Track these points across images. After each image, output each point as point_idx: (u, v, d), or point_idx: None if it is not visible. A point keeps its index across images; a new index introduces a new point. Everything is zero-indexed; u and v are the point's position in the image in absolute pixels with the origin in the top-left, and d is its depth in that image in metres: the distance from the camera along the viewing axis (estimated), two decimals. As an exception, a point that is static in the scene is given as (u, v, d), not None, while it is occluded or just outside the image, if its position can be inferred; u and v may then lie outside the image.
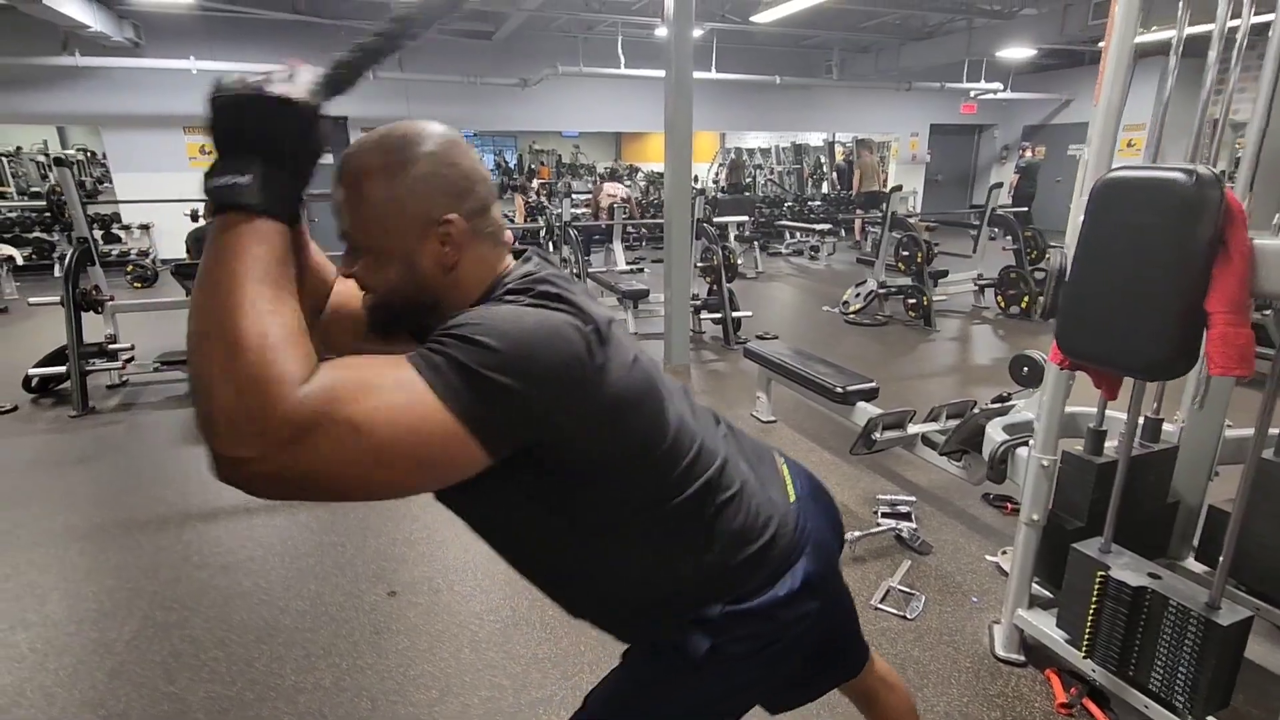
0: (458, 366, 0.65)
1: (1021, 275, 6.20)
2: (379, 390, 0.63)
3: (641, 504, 0.84)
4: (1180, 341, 1.20)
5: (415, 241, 0.78)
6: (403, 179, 0.76)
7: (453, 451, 0.65)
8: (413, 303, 0.81)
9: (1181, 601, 1.52)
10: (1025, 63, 11.52)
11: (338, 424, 0.59)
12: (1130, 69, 1.56)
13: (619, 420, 0.77)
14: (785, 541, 0.95)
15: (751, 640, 0.92)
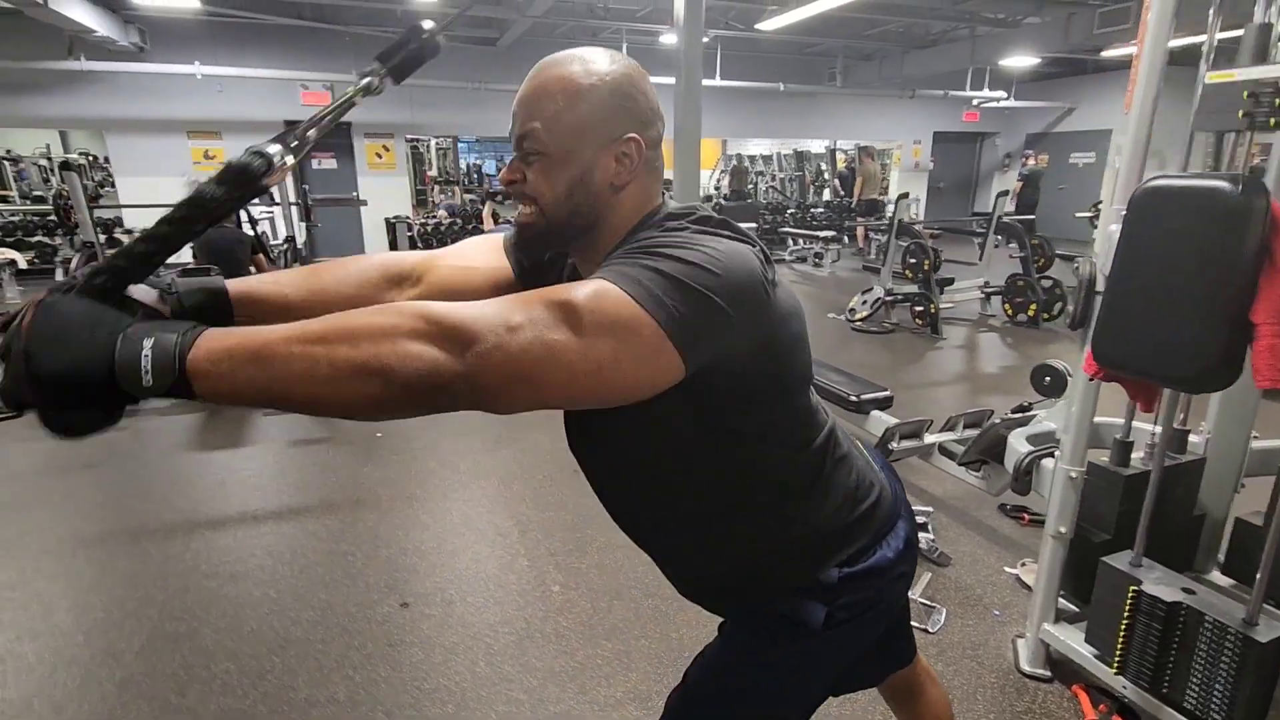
0: (661, 276, 0.64)
1: (1029, 283, 6.19)
2: (574, 290, 0.62)
3: (780, 446, 0.84)
4: (1225, 353, 1.18)
5: (596, 152, 0.78)
6: (598, 90, 0.77)
7: (654, 353, 0.63)
8: (575, 217, 0.80)
9: (1218, 618, 1.49)
10: (1028, 71, 11.54)
11: (543, 309, 0.60)
12: (1161, 76, 1.54)
13: (780, 348, 0.77)
14: (887, 503, 0.97)
15: (859, 605, 0.92)
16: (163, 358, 0.55)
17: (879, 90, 11.64)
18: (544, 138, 0.77)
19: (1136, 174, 1.59)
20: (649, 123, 0.80)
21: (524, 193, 0.80)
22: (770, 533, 0.88)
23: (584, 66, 0.77)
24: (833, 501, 0.89)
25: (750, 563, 0.91)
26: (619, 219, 0.81)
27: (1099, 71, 12.15)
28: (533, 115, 0.77)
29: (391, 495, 3.00)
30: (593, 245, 0.82)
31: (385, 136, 9.83)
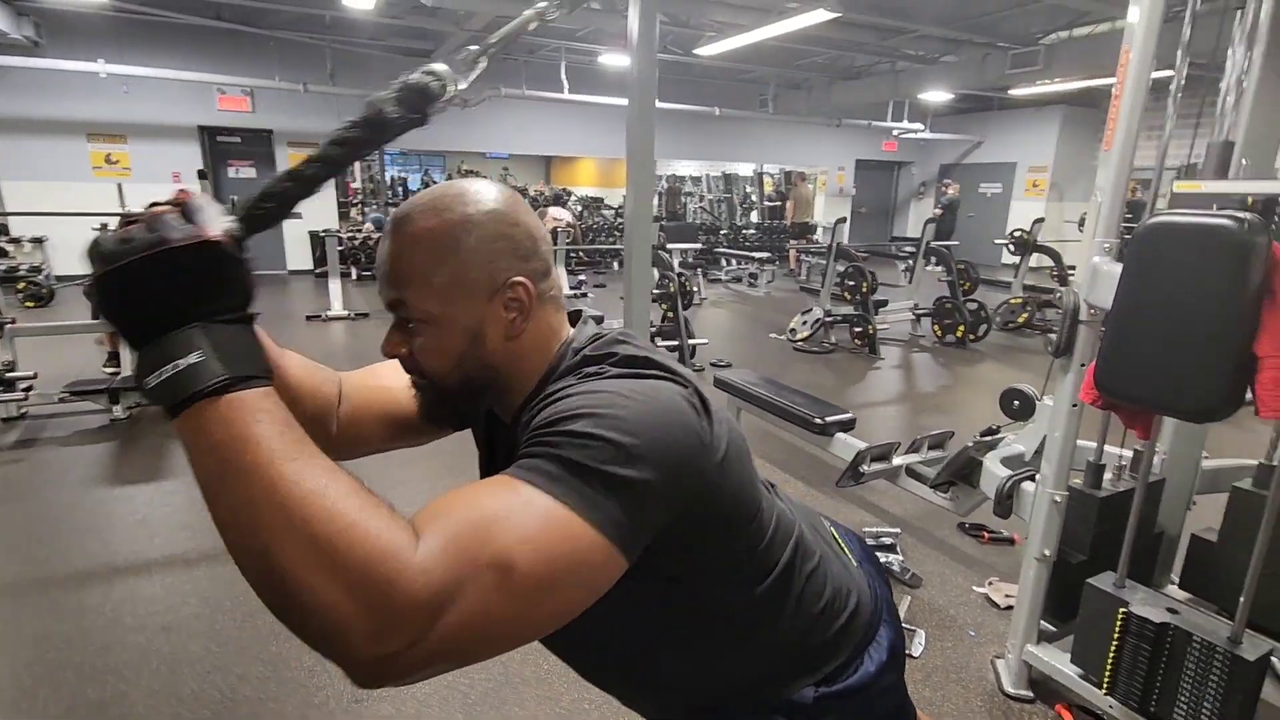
0: (582, 471, 0.56)
1: (956, 306, 6.50)
2: (506, 519, 0.53)
3: (740, 580, 0.77)
4: (1231, 385, 1.23)
5: (481, 309, 0.71)
6: (466, 240, 0.69)
7: (598, 564, 0.57)
8: (476, 379, 0.73)
9: (1205, 637, 1.55)
10: (943, 105, 12.27)
11: (480, 572, 0.50)
12: (1138, 119, 1.61)
13: (726, 488, 0.69)
14: (867, 611, 0.90)
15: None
16: (176, 386, 0.49)
17: (807, 118, 12.08)
18: (417, 304, 0.70)
19: (1119, 209, 1.66)
20: (530, 254, 0.73)
21: (413, 368, 0.74)
22: (742, 663, 0.82)
23: (441, 218, 0.69)
24: (803, 621, 0.82)
25: (720, 693, 0.84)
26: (528, 366, 0.75)
27: (1003, 109, 13.07)
28: (400, 282, 0.70)
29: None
30: (502, 397, 0.77)
31: (310, 146, 9.22)
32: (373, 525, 0.48)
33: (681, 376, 0.69)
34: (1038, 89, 9.96)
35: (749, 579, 0.77)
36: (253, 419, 0.50)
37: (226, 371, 0.50)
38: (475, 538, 0.51)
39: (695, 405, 0.66)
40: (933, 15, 7.75)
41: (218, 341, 0.50)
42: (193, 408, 0.49)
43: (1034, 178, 13.08)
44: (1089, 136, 12.95)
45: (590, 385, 0.66)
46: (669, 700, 0.88)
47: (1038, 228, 7.63)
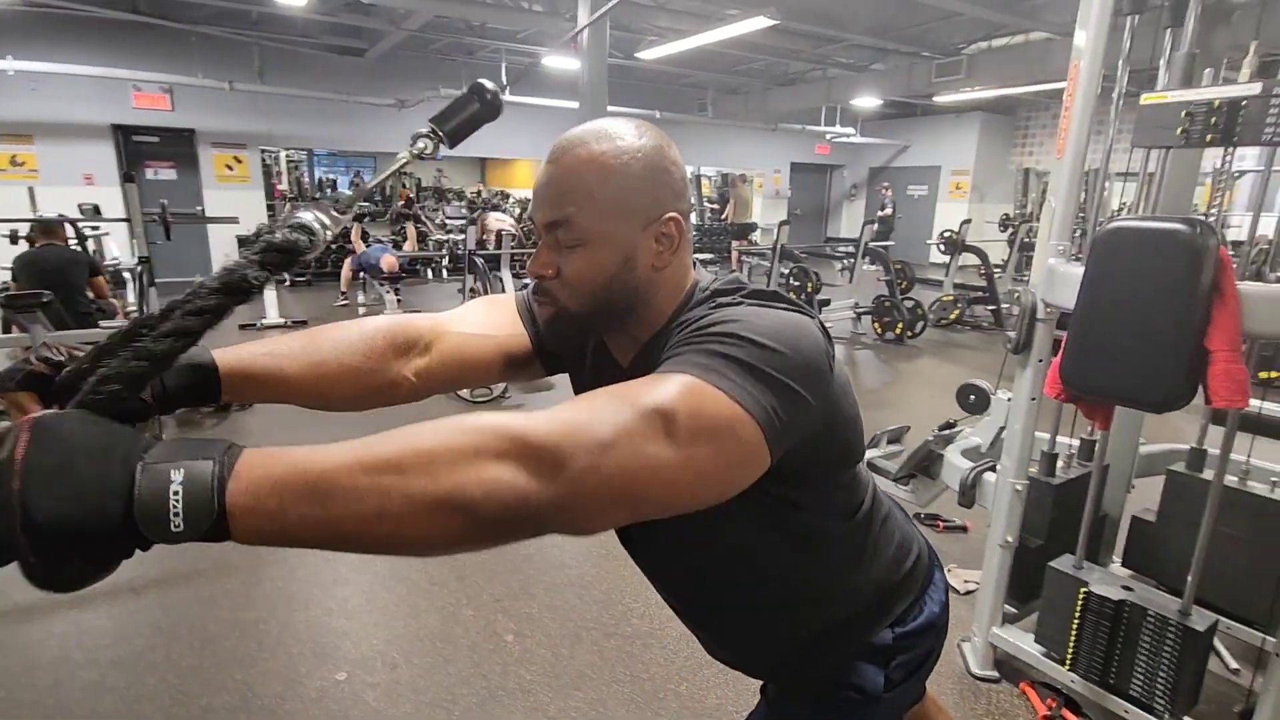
0: (742, 367, 0.59)
1: (894, 304, 6.76)
2: (659, 386, 0.57)
3: (834, 516, 0.83)
4: (1188, 377, 1.33)
5: (637, 234, 0.73)
6: (633, 167, 0.72)
7: (750, 442, 0.58)
8: (618, 303, 0.75)
9: (1159, 611, 1.66)
10: (872, 111, 12.75)
11: (643, 415, 0.53)
12: (1089, 129, 1.72)
13: (840, 425, 0.74)
14: (926, 558, 0.97)
15: (913, 662, 0.92)
16: (198, 495, 0.44)
17: (744, 122, 12.32)
18: (582, 224, 0.72)
19: (1072, 213, 1.77)
20: (682, 194, 0.76)
21: (556, 285, 0.75)
22: (828, 602, 0.87)
23: (613, 144, 0.72)
24: (881, 563, 0.89)
25: (808, 635, 0.89)
26: (662, 300, 0.77)
27: (927, 114, 13.68)
28: (565, 200, 0.71)
29: (298, 549, 2.67)
30: (633, 327, 0.79)
31: (237, 147, 8.97)
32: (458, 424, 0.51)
33: (808, 309, 0.72)
34: (959, 96, 10.47)
35: (845, 511, 0.83)
36: (271, 456, 0.47)
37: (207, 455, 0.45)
38: (632, 400, 0.55)
39: (824, 334, 0.70)
40: (863, 25, 8.05)
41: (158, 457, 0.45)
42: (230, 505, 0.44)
43: (957, 180, 13.74)
44: (1004, 141, 13.71)
45: (730, 310, 0.68)
46: (764, 643, 0.92)
47: (965, 228, 8.01)
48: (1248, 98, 1.34)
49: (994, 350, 6.65)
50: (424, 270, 9.88)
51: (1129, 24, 1.81)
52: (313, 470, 0.46)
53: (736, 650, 0.98)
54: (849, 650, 0.89)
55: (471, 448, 0.49)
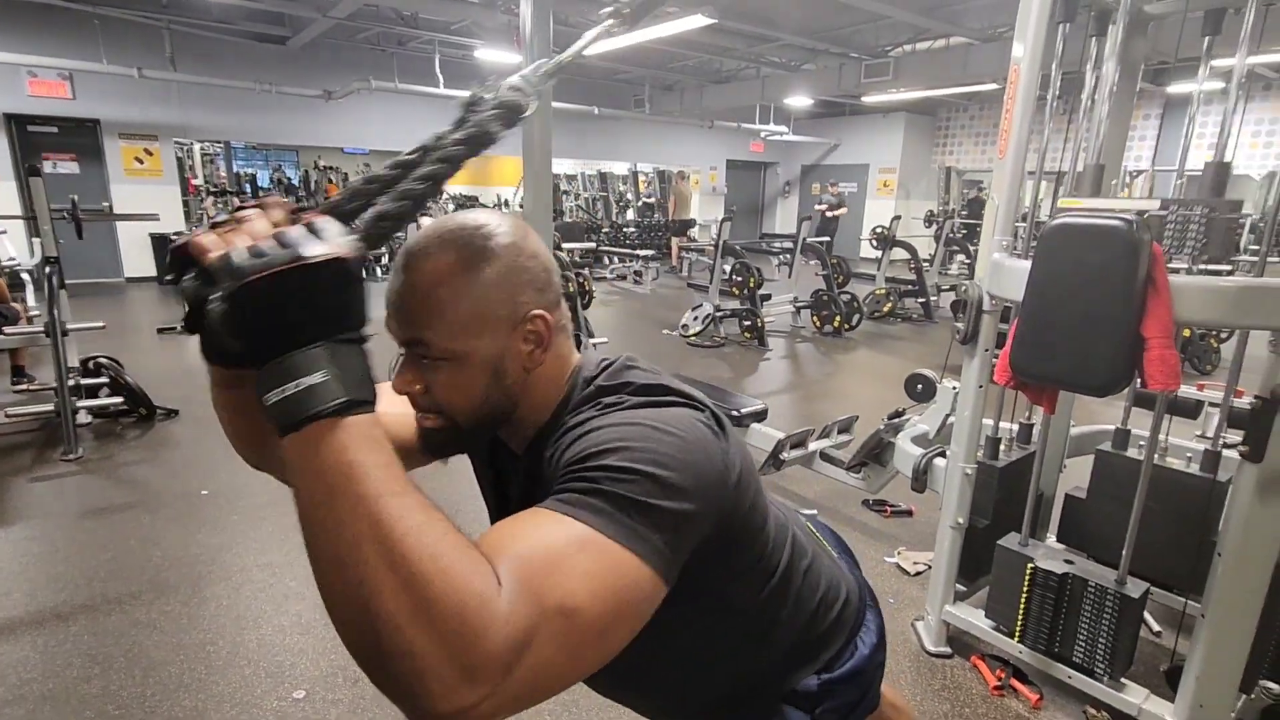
0: (626, 505, 0.58)
1: (832, 298, 6.96)
2: (565, 559, 0.54)
3: (751, 585, 0.81)
4: (1127, 363, 1.43)
5: (503, 341, 0.71)
6: (487, 275, 0.69)
7: (647, 595, 0.58)
8: (494, 413, 0.74)
9: (1099, 582, 1.78)
10: (804, 110, 13.07)
11: (550, 619, 0.51)
12: (1029, 130, 1.82)
13: (742, 504, 0.73)
14: (855, 599, 0.98)
15: (844, 707, 0.92)
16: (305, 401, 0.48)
17: (680, 119, 12.42)
18: (439, 342, 0.68)
19: (1012, 210, 1.86)
20: (546, 285, 0.73)
21: (429, 405, 0.72)
22: (753, 659, 0.87)
23: (462, 252, 0.68)
24: (805, 615, 0.88)
25: (731, 692, 0.89)
26: (541, 397, 0.76)
27: (855, 114, 14.14)
28: (418, 321, 0.68)
29: (241, 565, 2.55)
30: (515, 427, 0.77)
31: (148, 138, 8.42)
32: (466, 568, 0.48)
33: (697, 400, 0.72)
34: (885, 97, 10.87)
35: (758, 583, 0.81)
36: (365, 446, 0.49)
37: (346, 394, 0.49)
38: (543, 581, 0.52)
39: (714, 429, 0.69)
40: (795, 25, 8.24)
41: (340, 362, 0.50)
42: (309, 428, 0.48)
43: (884, 178, 14.26)
44: (927, 141, 14.32)
45: (617, 417, 0.67)
46: (685, 705, 0.92)
47: (896, 224, 8.33)
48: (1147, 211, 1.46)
49: (925, 341, 6.95)
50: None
51: (1060, 32, 1.92)
52: (354, 489, 0.48)
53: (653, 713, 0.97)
54: (773, 697, 0.89)
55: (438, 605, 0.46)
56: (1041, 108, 1.87)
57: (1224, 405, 1.99)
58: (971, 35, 7.77)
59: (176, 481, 3.22)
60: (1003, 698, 1.98)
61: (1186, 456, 2.20)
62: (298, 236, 0.50)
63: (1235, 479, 1.53)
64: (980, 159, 13.51)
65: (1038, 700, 1.94)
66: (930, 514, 3.01)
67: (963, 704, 1.96)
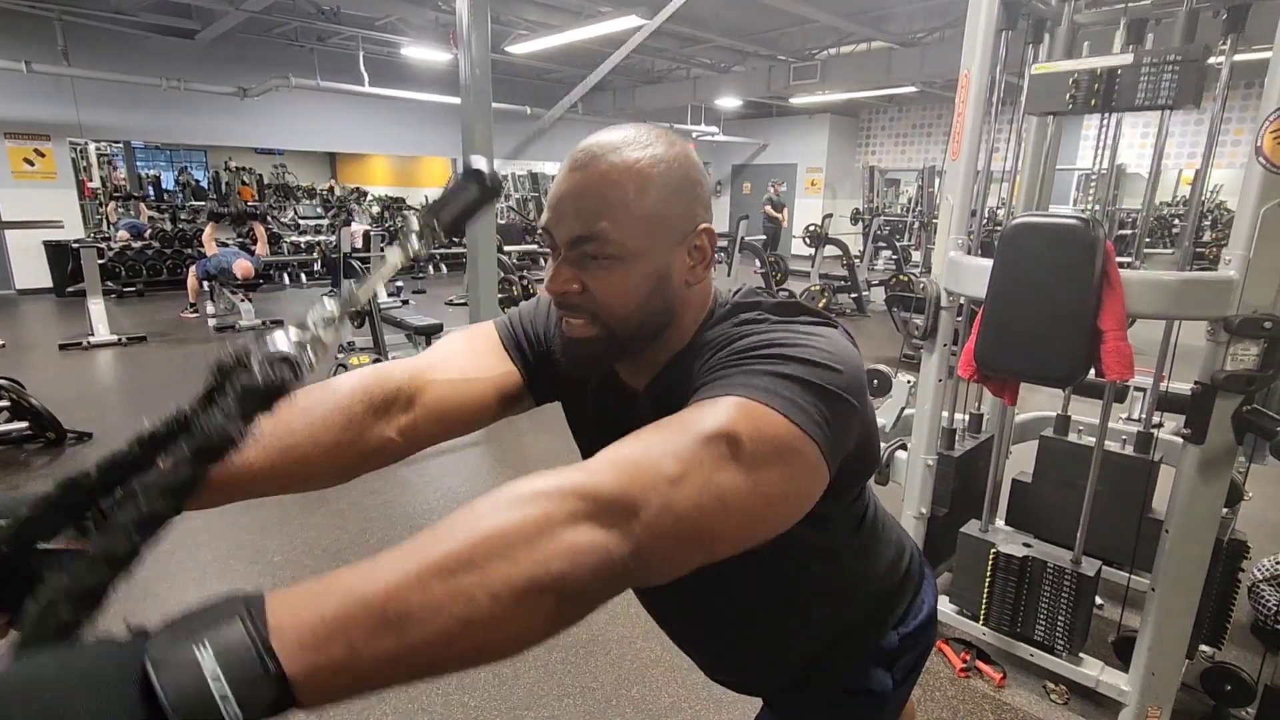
0: (791, 382, 0.58)
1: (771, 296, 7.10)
2: (724, 412, 0.54)
3: (848, 528, 0.83)
4: (1086, 355, 1.50)
5: (672, 248, 0.69)
6: (668, 176, 0.68)
7: (813, 462, 0.57)
8: (647, 325, 0.71)
9: (1056, 563, 1.87)
10: (733, 111, 13.30)
11: (708, 443, 0.51)
12: (980, 132, 1.89)
13: (872, 434, 0.74)
14: (918, 555, 1.00)
15: (914, 661, 0.95)
16: (245, 667, 0.34)
17: (613, 119, 12.40)
18: (616, 237, 0.66)
19: (967, 209, 1.93)
20: (710, 205, 0.74)
21: (586, 305, 0.69)
22: (840, 613, 0.88)
23: (647, 152, 0.67)
24: (883, 568, 0.90)
25: (820, 648, 0.90)
26: (691, 315, 0.74)
27: (781, 115, 14.49)
28: (598, 212, 0.66)
29: (180, 597, 2.37)
30: (654, 349, 0.74)
31: (39, 138, 7.76)
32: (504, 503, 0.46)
33: (832, 319, 0.71)
34: (812, 98, 11.19)
35: (855, 523, 0.83)
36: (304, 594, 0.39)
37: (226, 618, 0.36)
38: (692, 428, 0.52)
39: (853, 341, 0.69)
40: (724, 28, 8.36)
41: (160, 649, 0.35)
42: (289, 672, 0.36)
43: (811, 177, 14.67)
44: (850, 141, 14.83)
45: (762, 329, 0.66)
46: (782, 658, 0.91)
47: (828, 222, 8.58)
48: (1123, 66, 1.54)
49: (861, 335, 7.14)
50: (279, 275, 9.08)
51: (1003, 39, 2.00)
52: (374, 594, 0.39)
53: (747, 672, 0.97)
54: (859, 656, 0.90)
55: (543, 517, 0.44)
56: (987, 111, 1.95)
57: (1154, 390, 2.12)
58: (893, 40, 8.08)
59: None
60: (969, 679, 2.05)
61: (1122, 439, 2.34)
62: None
63: (1180, 461, 1.63)
64: (900, 159, 14.08)
65: (1001, 679, 2.02)
66: (888, 505, 3.09)
67: (932, 688, 2.02)
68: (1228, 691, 1.80)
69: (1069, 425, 2.43)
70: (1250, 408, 1.50)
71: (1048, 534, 2.38)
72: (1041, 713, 1.91)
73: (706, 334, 0.72)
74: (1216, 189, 10.77)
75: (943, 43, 7.96)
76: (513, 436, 4.02)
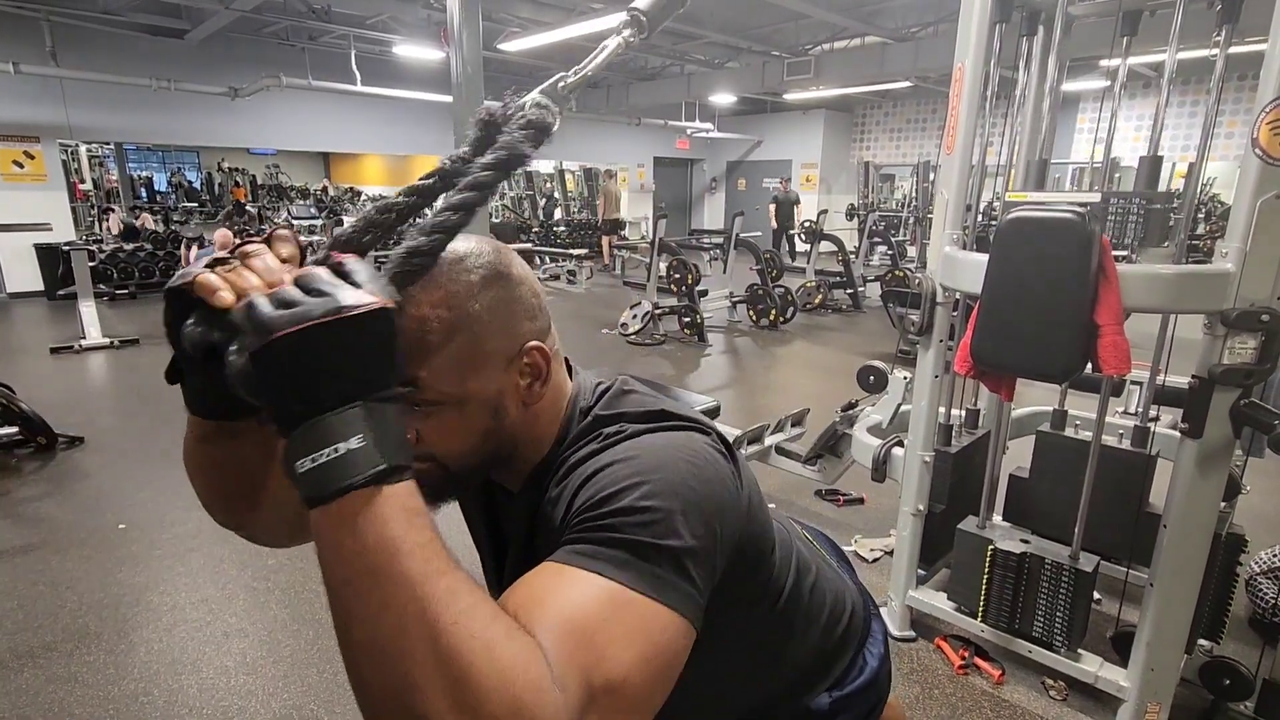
0: (648, 552, 0.55)
1: (766, 292, 7.09)
2: (603, 627, 0.51)
3: (762, 607, 0.79)
4: (1083, 349, 1.48)
5: (499, 378, 0.65)
6: (479, 309, 0.63)
7: (683, 647, 0.56)
8: (489, 457, 0.68)
9: (1054, 559, 1.86)
10: (728, 107, 13.27)
11: (598, 699, 0.48)
12: (974, 127, 1.88)
13: (753, 527, 0.70)
14: (860, 611, 0.96)
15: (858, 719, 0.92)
16: (341, 470, 0.43)
17: (607, 116, 12.36)
18: (435, 388, 0.61)
19: (962, 204, 1.92)
20: (536, 311, 0.68)
21: (420, 451, 0.65)
22: (762, 687, 0.85)
23: (448, 287, 0.61)
24: (815, 633, 0.86)
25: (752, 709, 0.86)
26: (540, 431, 0.71)
27: (777, 111, 14.47)
28: (412, 359, 0.61)
29: (172, 603, 2.34)
30: (510, 466, 0.72)
31: (28, 140, 7.70)
32: (519, 658, 0.44)
33: (700, 423, 0.68)
34: (806, 94, 11.16)
35: (766, 607, 0.79)
36: (407, 519, 0.44)
37: (385, 460, 0.44)
38: (585, 657, 0.49)
39: (722, 452, 0.67)
40: (718, 24, 8.33)
41: (378, 424, 0.45)
42: (345, 499, 0.43)
43: (806, 173, 14.66)
44: (845, 137, 14.82)
45: (622, 450, 0.63)
46: None
47: (823, 218, 8.57)
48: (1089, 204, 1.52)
49: (856, 331, 7.18)
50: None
51: (996, 31, 1.99)
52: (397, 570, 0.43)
53: None
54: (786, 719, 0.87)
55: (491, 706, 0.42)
56: (981, 105, 1.93)
57: (1150, 384, 2.11)
58: (886, 35, 8.06)
59: (87, 516, 2.95)
60: (967, 676, 2.04)
61: (1119, 433, 2.33)
62: (329, 282, 0.44)
63: (1177, 455, 1.62)
64: (895, 154, 14.08)
65: (1000, 676, 2.01)
66: (882, 501, 3.09)
67: (931, 685, 2.01)
68: (1226, 686, 1.79)
69: (1066, 420, 2.41)
70: (1248, 401, 1.49)
71: (1045, 530, 2.38)
72: (1040, 709, 1.91)
73: (565, 452, 0.69)
74: (1210, 181, 10.78)
75: (936, 37, 7.95)
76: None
